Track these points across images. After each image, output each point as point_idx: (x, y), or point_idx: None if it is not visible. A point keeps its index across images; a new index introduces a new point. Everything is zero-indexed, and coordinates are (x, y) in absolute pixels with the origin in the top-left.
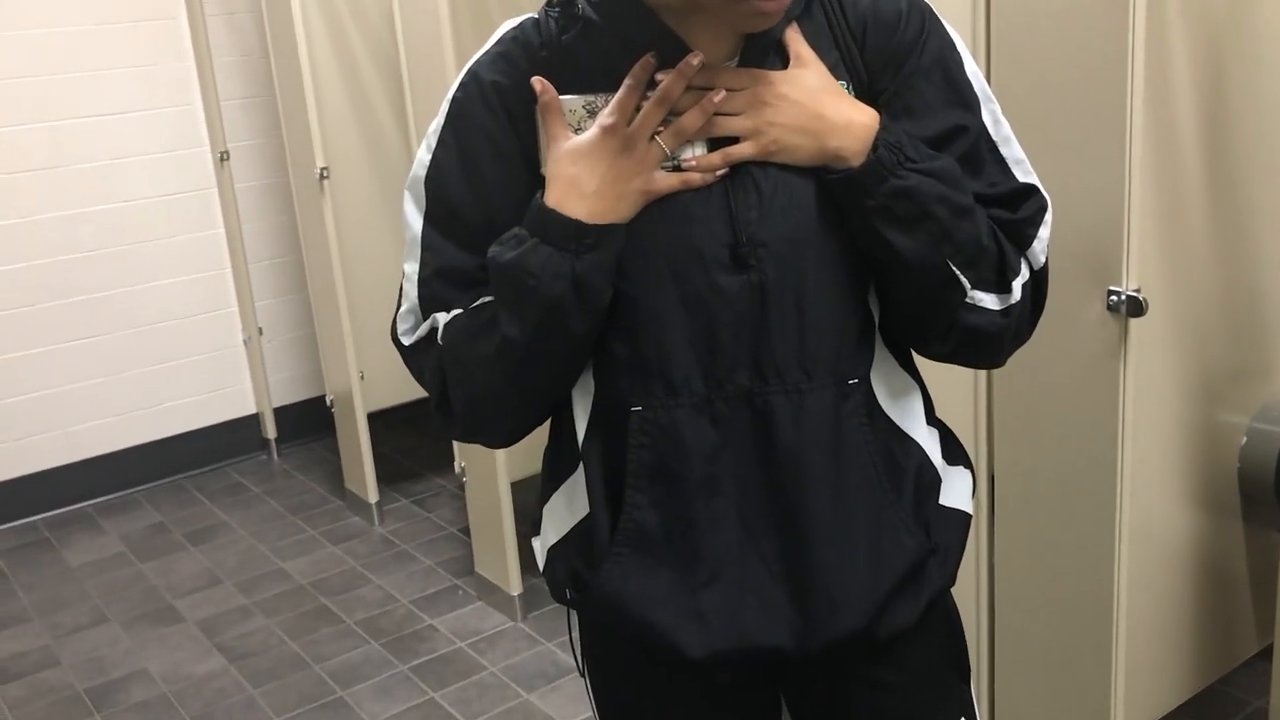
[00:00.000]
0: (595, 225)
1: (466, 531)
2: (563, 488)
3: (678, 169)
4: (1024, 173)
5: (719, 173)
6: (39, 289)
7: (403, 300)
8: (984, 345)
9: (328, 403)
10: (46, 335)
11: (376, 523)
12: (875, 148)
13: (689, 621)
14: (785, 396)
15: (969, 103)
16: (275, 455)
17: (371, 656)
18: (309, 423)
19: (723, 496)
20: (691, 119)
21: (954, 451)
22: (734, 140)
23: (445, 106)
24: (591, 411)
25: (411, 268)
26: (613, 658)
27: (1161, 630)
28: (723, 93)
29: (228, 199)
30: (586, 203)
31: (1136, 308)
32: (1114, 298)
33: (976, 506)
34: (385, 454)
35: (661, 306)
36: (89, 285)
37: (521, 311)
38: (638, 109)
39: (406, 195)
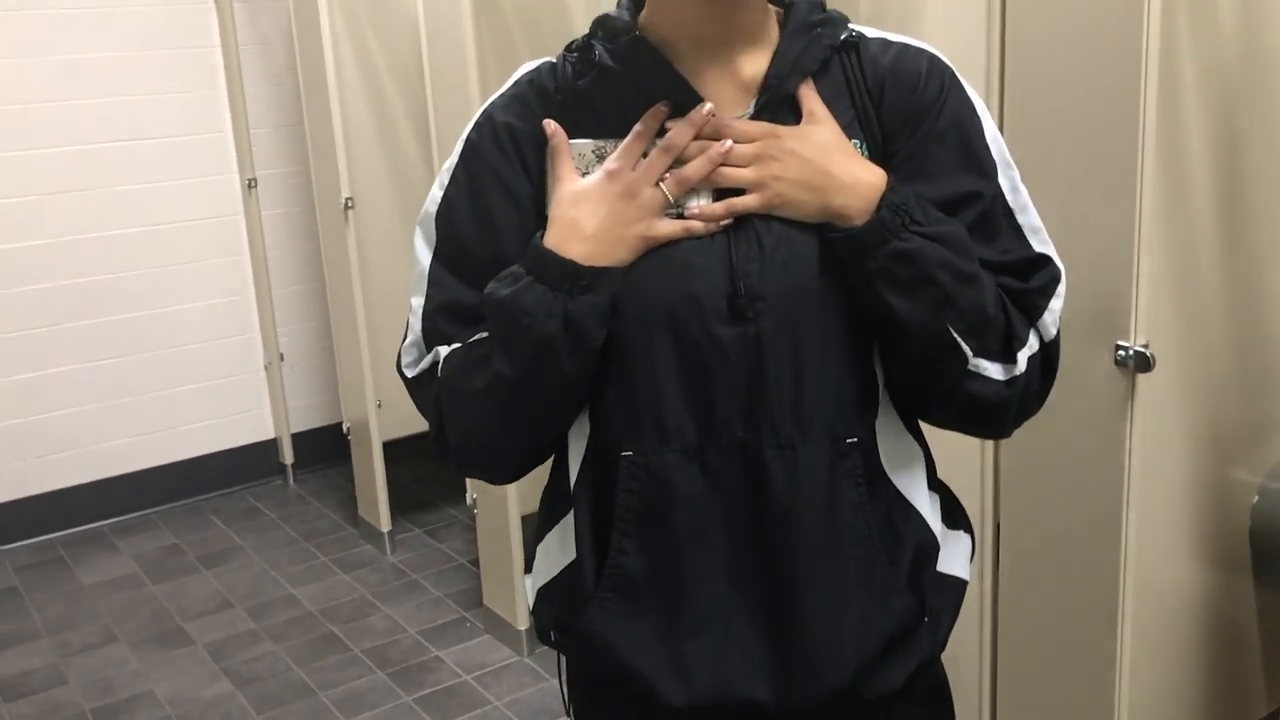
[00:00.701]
0: (591, 267)
1: (477, 563)
2: (556, 528)
3: (682, 217)
4: (1040, 242)
5: (722, 223)
6: (66, 309)
7: (408, 333)
8: (987, 415)
9: (344, 431)
10: (71, 355)
11: (388, 552)
12: (879, 208)
13: (671, 671)
14: (778, 451)
15: (985, 168)
16: (291, 481)
17: (377, 686)
18: (326, 449)
19: (710, 547)
20: (696, 168)
21: (954, 515)
22: (740, 192)
23: (459, 146)
24: (585, 453)
25: (417, 301)
26: (598, 701)
27: (1167, 690)
28: (729, 144)
29: (254, 226)
30: (585, 245)
31: (1144, 363)
32: (1122, 352)
33: (980, 561)
34: (399, 483)
35: (656, 352)
36: (115, 307)
37: (514, 348)
38: (645, 155)
39: (417, 230)
